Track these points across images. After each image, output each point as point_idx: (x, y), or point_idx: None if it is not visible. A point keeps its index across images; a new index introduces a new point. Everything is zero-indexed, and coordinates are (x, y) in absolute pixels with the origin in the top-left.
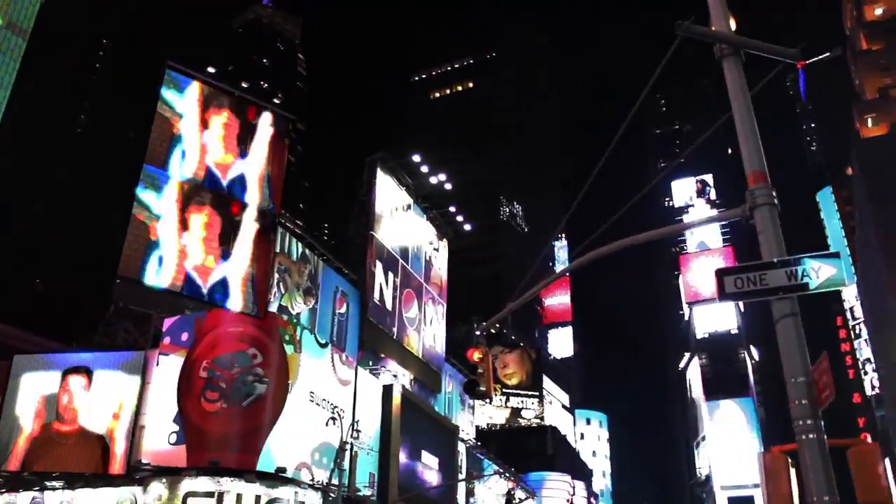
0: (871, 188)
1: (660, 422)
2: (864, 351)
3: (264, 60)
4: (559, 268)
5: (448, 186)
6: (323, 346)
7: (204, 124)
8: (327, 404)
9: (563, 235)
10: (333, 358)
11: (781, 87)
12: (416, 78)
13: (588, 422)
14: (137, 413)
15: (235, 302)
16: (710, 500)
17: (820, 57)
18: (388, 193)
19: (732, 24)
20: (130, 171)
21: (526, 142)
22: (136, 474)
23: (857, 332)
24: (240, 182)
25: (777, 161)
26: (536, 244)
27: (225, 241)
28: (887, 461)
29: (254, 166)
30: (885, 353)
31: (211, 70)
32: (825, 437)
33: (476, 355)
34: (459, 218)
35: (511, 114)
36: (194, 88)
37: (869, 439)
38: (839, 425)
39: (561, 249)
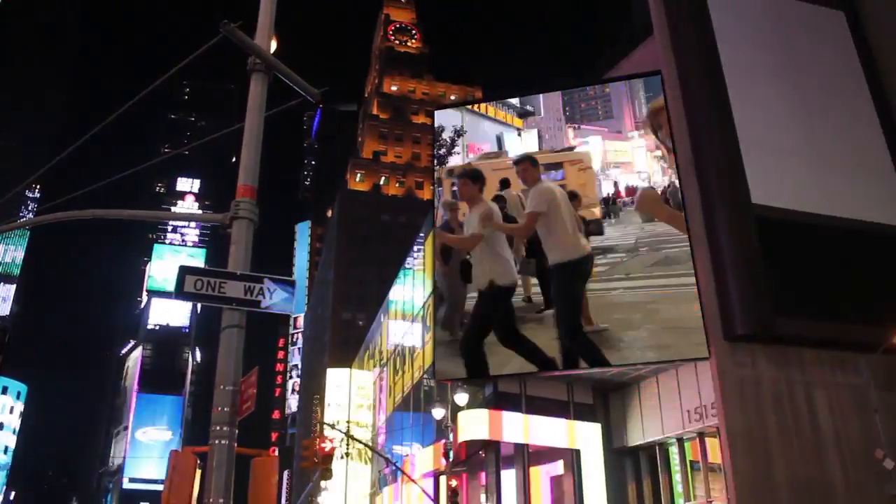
0: (343, 234)
1: (87, 405)
2: (294, 374)
3: None
4: (25, 218)
5: None
6: None
7: None
8: None
9: (38, 187)
10: None
11: (300, 120)
12: None
13: (4, 391)
14: None
15: None
16: (116, 491)
17: (337, 105)
18: None
19: (273, 45)
20: None
21: (25, 74)
22: None
23: (294, 356)
24: None
25: (277, 183)
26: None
27: None
28: (286, 473)
29: None
30: (308, 379)
31: None
32: (236, 444)
33: None
34: None
35: (18, 39)
36: None
37: (276, 452)
38: (256, 435)
39: (31, 201)
